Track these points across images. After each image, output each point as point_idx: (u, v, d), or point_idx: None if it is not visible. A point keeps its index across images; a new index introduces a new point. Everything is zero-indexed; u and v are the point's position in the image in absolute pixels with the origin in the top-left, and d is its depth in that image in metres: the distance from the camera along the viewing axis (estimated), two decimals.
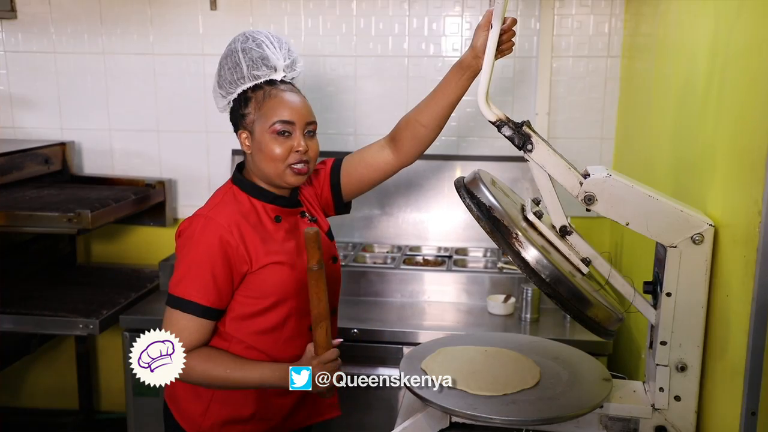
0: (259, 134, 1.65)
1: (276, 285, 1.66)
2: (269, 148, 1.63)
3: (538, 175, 1.38)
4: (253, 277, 1.64)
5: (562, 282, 1.29)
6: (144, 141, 3.13)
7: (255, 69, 1.67)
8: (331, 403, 1.83)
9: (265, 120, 1.64)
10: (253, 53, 1.68)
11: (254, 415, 1.71)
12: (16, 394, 3.34)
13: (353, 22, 2.95)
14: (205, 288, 1.59)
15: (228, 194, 1.70)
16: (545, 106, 2.88)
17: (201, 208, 1.69)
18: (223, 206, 1.67)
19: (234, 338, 1.67)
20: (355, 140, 3.03)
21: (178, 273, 1.63)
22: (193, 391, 1.70)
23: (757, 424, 1.18)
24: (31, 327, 2.56)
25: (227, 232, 1.61)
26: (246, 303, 1.66)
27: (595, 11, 2.83)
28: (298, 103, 1.68)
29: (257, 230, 1.66)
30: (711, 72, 1.53)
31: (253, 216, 1.68)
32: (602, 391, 1.45)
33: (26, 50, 3.10)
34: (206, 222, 1.62)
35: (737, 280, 1.26)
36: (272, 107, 1.65)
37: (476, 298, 2.57)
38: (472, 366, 1.56)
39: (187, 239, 1.63)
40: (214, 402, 1.69)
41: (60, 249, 3.14)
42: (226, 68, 1.69)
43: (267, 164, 1.65)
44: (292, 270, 1.67)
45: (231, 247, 1.61)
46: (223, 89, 1.71)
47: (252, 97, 1.67)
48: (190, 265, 1.61)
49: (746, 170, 1.24)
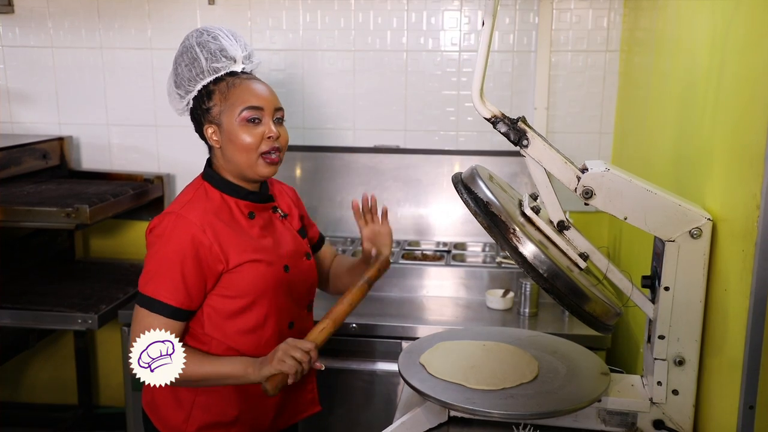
0: (227, 125, 1.61)
1: (253, 283, 1.62)
2: (239, 138, 1.60)
3: (534, 170, 1.38)
4: (230, 276, 1.61)
5: (560, 277, 1.29)
6: (142, 136, 3.12)
7: (214, 61, 1.63)
8: (311, 398, 1.83)
9: (232, 109, 1.61)
10: (210, 45, 1.64)
11: (238, 419, 1.69)
12: (15, 389, 3.34)
13: (351, 16, 2.94)
14: (174, 288, 1.55)
15: (200, 190, 1.66)
16: (544, 100, 2.88)
17: (171, 205, 1.65)
18: (195, 203, 1.62)
19: (214, 340, 1.64)
20: (354, 135, 3.03)
21: (147, 271, 1.58)
22: (174, 398, 1.67)
23: (754, 417, 1.18)
24: (30, 322, 2.56)
25: (200, 230, 1.57)
26: (224, 303, 1.62)
27: (593, 5, 2.82)
28: (265, 89, 1.65)
29: (231, 227, 1.62)
30: (710, 66, 1.53)
31: (225, 213, 1.64)
32: (600, 385, 1.45)
33: (23, 45, 3.09)
34: (177, 220, 1.58)
35: (735, 275, 1.26)
36: (238, 95, 1.61)
37: (475, 292, 2.57)
38: (471, 360, 1.56)
39: (158, 237, 1.58)
40: (196, 408, 1.66)
41: (58, 244, 3.14)
42: (183, 65, 1.65)
43: (238, 155, 1.61)
44: (269, 267, 1.64)
45: (204, 246, 1.57)
46: (182, 88, 1.66)
47: (215, 89, 1.63)
48: (160, 263, 1.57)
49: (745, 165, 1.24)
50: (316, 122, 3.03)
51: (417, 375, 1.49)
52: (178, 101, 1.69)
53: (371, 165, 2.99)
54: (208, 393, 1.66)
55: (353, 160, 3.00)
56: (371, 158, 2.99)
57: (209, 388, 1.65)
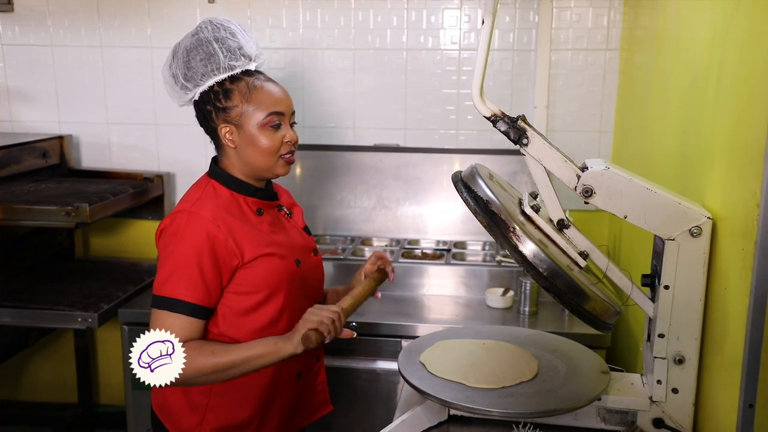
0: (248, 128, 1.60)
1: (268, 277, 1.61)
2: (262, 142, 1.60)
3: (534, 169, 1.38)
4: (245, 271, 1.60)
5: (560, 275, 1.29)
6: (142, 134, 3.12)
7: (233, 59, 1.61)
8: (323, 399, 1.83)
9: (255, 113, 1.59)
10: (229, 43, 1.61)
11: (252, 421, 1.67)
12: (15, 388, 3.34)
13: (351, 15, 2.94)
14: (193, 285, 1.53)
15: (208, 188, 1.64)
16: (544, 99, 2.88)
17: (180, 204, 1.62)
18: (205, 200, 1.60)
19: (229, 339, 1.61)
20: (354, 133, 3.03)
21: (163, 272, 1.55)
22: (187, 401, 1.65)
23: (754, 416, 1.18)
24: (30, 321, 2.56)
25: (214, 226, 1.55)
26: (238, 300, 1.61)
27: (594, 4, 2.82)
28: (285, 94, 1.65)
29: (243, 222, 1.61)
30: (710, 65, 1.53)
31: (235, 209, 1.63)
32: (600, 383, 1.45)
33: (23, 43, 3.09)
34: (190, 217, 1.56)
35: (735, 273, 1.26)
36: (261, 99, 1.60)
37: (475, 291, 2.57)
38: (471, 359, 1.56)
39: (172, 236, 1.56)
40: (210, 411, 1.64)
41: (58, 243, 3.14)
42: (198, 59, 1.60)
43: (258, 158, 1.61)
44: (281, 260, 1.64)
45: (219, 241, 1.55)
46: (191, 82, 1.62)
47: (233, 89, 1.61)
48: (177, 262, 1.54)
49: (745, 163, 1.24)
50: (316, 121, 3.03)
51: (417, 374, 1.49)
52: (183, 94, 1.65)
53: (371, 163, 2.99)
54: (222, 396, 1.64)
55: (353, 159, 3.00)
56: (371, 157, 2.99)
57: (223, 390, 1.62)
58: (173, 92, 1.67)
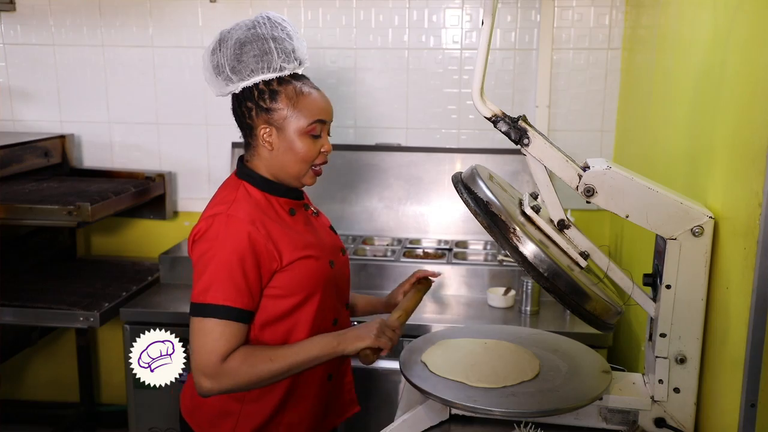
0: (290, 132, 1.55)
1: (307, 279, 1.57)
2: (301, 149, 1.56)
3: (535, 169, 1.38)
4: (283, 275, 1.55)
5: (560, 276, 1.29)
6: (144, 134, 3.13)
7: (286, 61, 1.56)
8: (350, 399, 1.80)
9: (300, 119, 1.55)
10: (285, 44, 1.57)
11: (282, 424, 1.63)
12: (17, 387, 3.35)
13: (353, 14, 2.94)
14: (238, 290, 1.47)
15: (240, 190, 1.59)
16: (545, 98, 2.88)
17: (214, 207, 1.55)
18: (241, 202, 1.54)
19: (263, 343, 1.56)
20: (355, 132, 3.03)
21: (205, 279, 1.48)
22: (220, 406, 1.60)
23: (756, 415, 1.18)
24: (32, 320, 2.56)
25: (254, 228, 1.50)
26: (274, 303, 1.56)
27: (595, 3, 2.82)
28: (328, 103, 1.61)
29: (279, 225, 1.57)
30: (712, 64, 1.53)
31: (270, 211, 1.58)
32: (602, 383, 1.45)
33: (25, 43, 3.09)
34: (229, 220, 1.50)
35: (737, 273, 1.26)
36: (308, 107, 1.56)
37: (476, 290, 2.57)
38: (472, 358, 1.56)
39: (211, 241, 1.49)
40: (243, 417, 1.60)
41: (60, 242, 3.14)
42: (251, 55, 1.54)
43: (293, 164, 1.57)
44: (317, 262, 1.60)
45: (260, 244, 1.50)
46: (238, 75, 1.55)
47: (280, 91, 1.55)
48: (219, 267, 1.47)
49: (747, 162, 1.24)
50: None
51: (418, 373, 1.49)
52: (224, 85, 1.58)
53: (373, 163, 2.99)
54: (255, 402, 1.60)
55: (355, 158, 3.00)
56: (373, 156, 2.99)
57: (256, 396, 1.59)
58: (213, 81, 1.61)
